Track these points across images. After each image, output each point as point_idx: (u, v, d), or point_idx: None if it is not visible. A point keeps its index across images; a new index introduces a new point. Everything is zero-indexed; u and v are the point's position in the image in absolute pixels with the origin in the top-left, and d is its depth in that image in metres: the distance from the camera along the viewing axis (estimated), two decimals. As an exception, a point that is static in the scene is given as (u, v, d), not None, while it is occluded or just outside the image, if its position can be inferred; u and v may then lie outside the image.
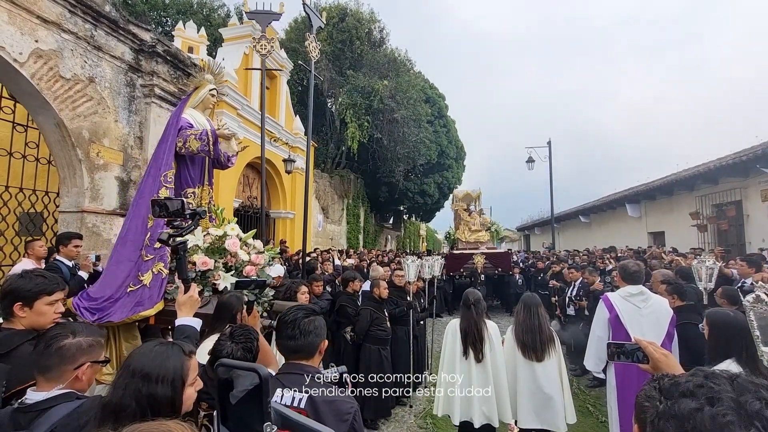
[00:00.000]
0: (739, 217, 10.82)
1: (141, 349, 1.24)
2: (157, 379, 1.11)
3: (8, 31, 3.94)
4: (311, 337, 1.50)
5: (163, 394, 1.10)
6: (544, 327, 3.11)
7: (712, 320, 2.23)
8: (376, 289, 4.59)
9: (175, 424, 0.77)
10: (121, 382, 1.12)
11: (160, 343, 1.26)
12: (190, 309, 1.90)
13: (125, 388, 1.10)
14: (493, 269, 10.58)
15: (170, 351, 1.20)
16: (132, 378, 1.11)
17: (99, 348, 1.41)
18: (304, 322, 1.51)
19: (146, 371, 1.12)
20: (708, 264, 3.98)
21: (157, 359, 1.16)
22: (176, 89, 5.76)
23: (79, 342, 1.34)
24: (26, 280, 1.70)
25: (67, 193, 4.76)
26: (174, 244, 1.94)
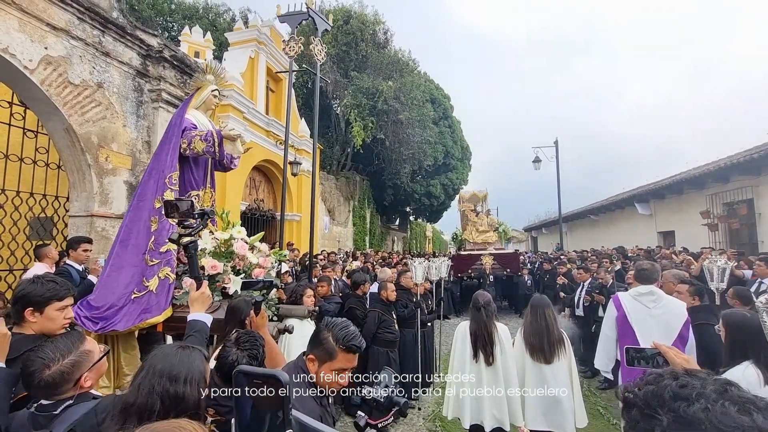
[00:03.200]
0: (750, 215, 10.64)
1: (163, 350, 1.25)
2: (185, 380, 1.13)
3: (19, 38, 4.00)
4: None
5: (190, 395, 1.12)
6: (552, 328, 3.07)
7: (728, 321, 2.18)
8: (384, 292, 4.58)
9: (187, 423, 0.77)
10: (146, 383, 1.12)
11: (180, 347, 1.27)
12: (202, 305, 1.94)
13: (151, 389, 1.10)
14: (502, 270, 10.49)
15: (194, 354, 1.22)
16: (160, 378, 1.12)
17: (87, 357, 1.37)
18: None
19: (174, 372, 1.13)
20: (720, 264, 3.91)
21: (183, 361, 1.18)
22: (183, 94, 5.80)
23: (58, 370, 1.30)
24: (37, 286, 1.71)
25: (76, 198, 4.81)
26: (184, 243, 1.96)
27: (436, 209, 24.14)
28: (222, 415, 1.53)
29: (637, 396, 0.65)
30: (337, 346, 1.46)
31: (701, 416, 0.56)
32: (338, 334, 1.47)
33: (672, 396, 0.60)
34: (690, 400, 0.58)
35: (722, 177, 11.24)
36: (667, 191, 13.90)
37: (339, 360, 1.45)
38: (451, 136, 21.92)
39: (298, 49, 6.25)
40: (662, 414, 0.59)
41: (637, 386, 0.66)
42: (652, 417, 0.60)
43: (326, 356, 1.46)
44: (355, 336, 1.49)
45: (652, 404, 0.62)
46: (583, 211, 21.33)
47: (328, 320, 1.55)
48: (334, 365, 1.45)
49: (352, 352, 1.47)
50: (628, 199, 16.44)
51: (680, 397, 0.60)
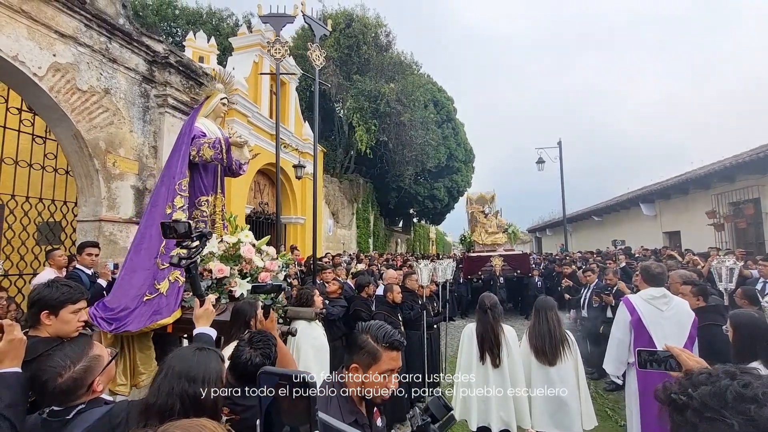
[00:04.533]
0: (757, 215, 10.56)
1: (181, 352, 1.29)
2: (203, 381, 1.16)
3: (28, 46, 4.06)
4: None
5: (207, 396, 1.14)
6: (555, 330, 3.07)
7: (736, 322, 2.18)
8: (389, 294, 4.58)
9: (208, 422, 0.79)
10: (165, 384, 1.16)
11: (198, 348, 1.30)
12: (206, 320, 2.02)
13: (170, 390, 1.13)
14: (512, 271, 10.40)
15: (211, 355, 1.25)
16: (179, 379, 1.15)
17: (97, 362, 1.39)
18: None
19: (192, 374, 1.16)
20: (728, 264, 3.90)
21: (201, 362, 1.21)
22: (189, 99, 5.86)
23: (71, 377, 1.32)
24: (52, 290, 1.75)
25: (84, 203, 4.86)
26: (184, 265, 2.03)
27: (439, 211, 24.14)
28: (236, 414, 1.55)
29: (692, 397, 0.62)
30: (379, 346, 1.41)
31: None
32: (377, 333, 1.44)
33: (736, 397, 0.58)
34: (759, 401, 0.56)
35: (728, 176, 11.17)
36: (672, 191, 13.82)
37: (384, 360, 1.40)
38: (455, 138, 21.93)
39: (284, 52, 6.21)
40: (730, 417, 0.56)
41: (688, 387, 0.64)
42: (716, 419, 0.57)
43: (370, 359, 1.41)
44: (394, 332, 1.45)
45: (714, 406, 0.59)
46: (588, 212, 21.24)
47: (362, 325, 1.52)
48: (380, 367, 1.40)
49: (396, 349, 1.43)
50: (633, 199, 16.36)
51: (746, 398, 0.57)
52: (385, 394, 1.42)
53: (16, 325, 1.43)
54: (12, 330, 1.39)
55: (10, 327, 1.40)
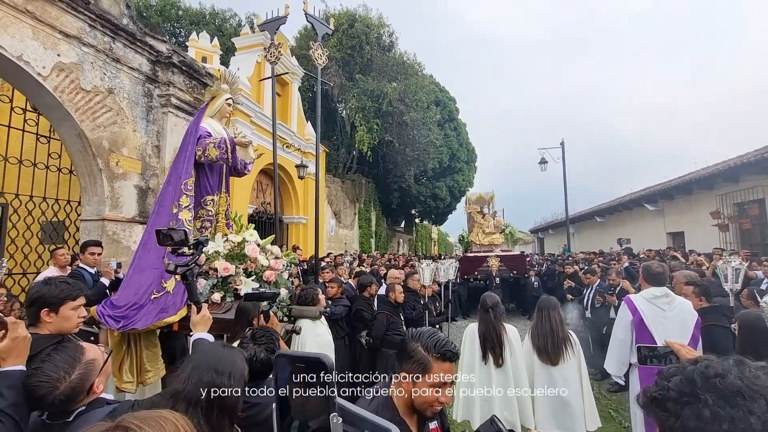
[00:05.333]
0: (762, 215, 10.51)
1: (211, 347, 1.33)
2: (230, 375, 1.19)
3: (32, 46, 4.08)
4: None
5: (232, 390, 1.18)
6: (557, 330, 3.05)
7: (741, 322, 2.17)
8: (392, 294, 4.58)
9: (169, 413, 0.78)
10: (195, 374, 1.18)
11: (224, 345, 1.34)
12: (203, 327, 2.01)
13: (199, 379, 1.16)
14: (509, 272, 10.45)
15: (236, 353, 1.29)
16: (207, 371, 1.18)
17: (92, 366, 1.37)
18: None
19: (220, 368, 1.20)
20: (734, 264, 3.87)
21: (228, 358, 1.25)
22: (192, 99, 5.87)
23: (69, 386, 1.30)
24: (51, 287, 1.76)
25: (88, 202, 4.87)
26: (180, 273, 2.04)
27: (441, 211, 24.12)
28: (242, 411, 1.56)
29: (669, 389, 0.66)
30: (430, 356, 1.30)
31: (739, 383, 0.59)
32: (428, 342, 1.33)
33: (702, 376, 0.63)
34: (720, 374, 0.62)
35: (732, 177, 11.12)
36: (676, 192, 13.77)
37: (435, 372, 1.29)
38: (457, 138, 21.91)
39: (278, 55, 6.29)
40: (703, 393, 0.61)
41: (662, 383, 0.68)
42: (693, 402, 0.62)
43: (420, 369, 1.29)
44: (448, 341, 1.34)
45: (688, 390, 0.63)
46: (591, 213, 21.17)
47: (412, 331, 1.42)
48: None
49: (449, 360, 1.31)
50: (637, 199, 16.30)
51: (710, 375, 0.62)
52: (436, 408, 1.31)
53: (21, 323, 1.42)
54: (16, 327, 1.39)
55: (14, 324, 1.39)
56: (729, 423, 0.58)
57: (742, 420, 0.57)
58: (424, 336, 1.35)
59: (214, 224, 3.35)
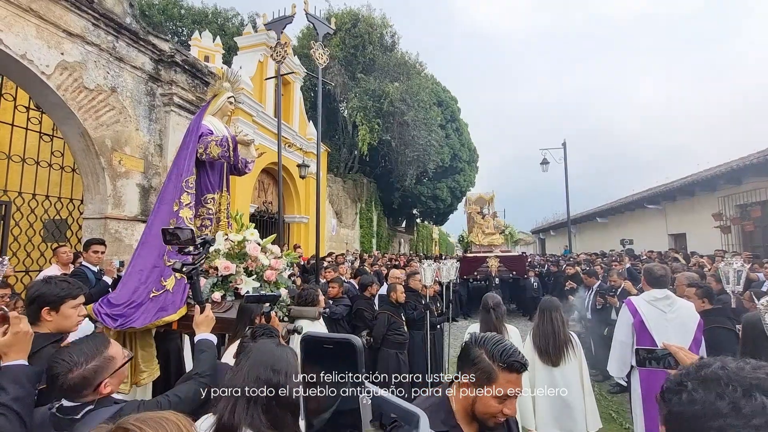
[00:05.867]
0: (764, 217, 10.48)
1: (265, 345, 1.34)
2: (286, 373, 1.21)
3: (36, 44, 4.09)
4: None
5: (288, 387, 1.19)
6: (559, 331, 3.05)
7: (744, 323, 2.18)
8: (393, 294, 4.58)
9: (171, 413, 0.79)
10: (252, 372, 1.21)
11: (277, 343, 1.36)
12: (207, 327, 2.01)
13: (257, 378, 1.18)
14: (508, 272, 10.45)
15: (289, 351, 1.31)
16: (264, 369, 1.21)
17: (109, 362, 1.39)
18: None
19: (276, 366, 1.22)
20: (735, 266, 3.87)
21: (283, 355, 1.26)
22: (194, 98, 5.89)
23: (81, 374, 1.32)
24: (51, 286, 1.76)
25: (90, 200, 4.89)
26: (186, 272, 2.03)
27: (443, 212, 24.11)
28: None
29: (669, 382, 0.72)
30: (495, 365, 1.20)
31: (719, 372, 0.65)
32: (494, 350, 1.23)
33: (696, 367, 0.69)
34: (709, 365, 0.68)
35: (735, 178, 11.08)
36: (678, 193, 13.74)
37: (500, 382, 1.19)
38: (459, 138, 21.89)
39: (284, 54, 6.30)
40: (687, 381, 0.67)
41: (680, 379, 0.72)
42: (680, 390, 0.68)
43: (483, 378, 1.20)
44: (515, 351, 1.24)
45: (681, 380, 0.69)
46: (592, 213, 21.13)
47: (476, 335, 1.32)
48: (494, 389, 1.19)
49: (516, 371, 1.21)
50: (638, 200, 16.27)
51: (702, 366, 0.69)
52: (500, 419, 1.22)
53: (23, 318, 1.43)
54: (18, 322, 1.39)
55: (16, 319, 1.40)
56: (701, 405, 0.63)
57: (712, 402, 0.62)
58: (490, 343, 1.26)
59: (214, 223, 3.34)
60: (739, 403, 0.61)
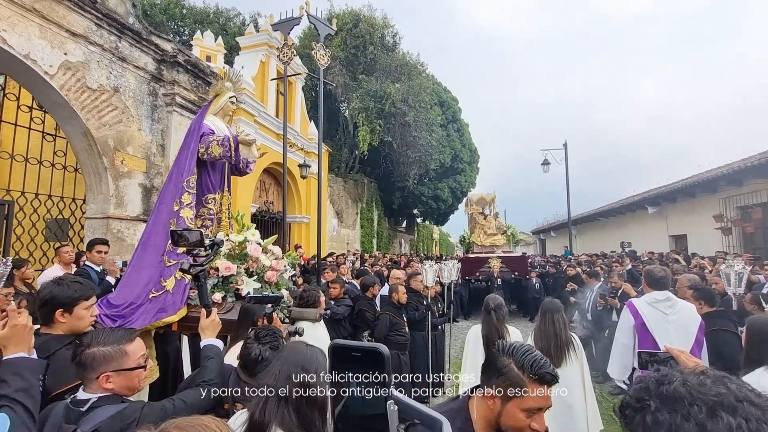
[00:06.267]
0: (765, 219, 10.47)
1: (295, 347, 1.39)
2: (316, 371, 1.26)
3: (39, 44, 4.10)
4: None
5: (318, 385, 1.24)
6: (561, 333, 3.05)
7: (749, 326, 2.17)
8: (395, 294, 4.59)
9: (211, 420, 0.79)
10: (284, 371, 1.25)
11: (306, 344, 1.40)
12: (213, 331, 1.96)
13: (288, 377, 1.23)
14: (510, 273, 10.44)
15: (317, 351, 1.35)
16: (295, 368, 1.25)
17: (121, 356, 1.39)
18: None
19: (306, 366, 1.27)
20: (737, 268, 3.87)
21: (312, 356, 1.31)
22: (196, 98, 5.90)
23: (93, 353, 1.35)
24: (64, 287, 1.75)
25: (93, 200, 4.90)
26: (193, 273, 2.01)
27: (443, 212, 24.11)
28: None
29: (629, 396, 0.69)
30: (525, 376, 1.13)
31: (681, 390, 0.62)
32: (524, 360, 1.15)
33: (655, 382, 0.66)
34: (671, 381, 0.64)
35: (736, 180, 11.07)
36: (678, 194, 13.72)
37: (529, 395, 1.11)
38: (460, 139, 21.89)
39: (291, 55, 6.33)
40: (649, 399, 0.64)
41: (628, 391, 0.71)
42: (643, 408, 0.64)
43: (512, 390, 1.13)
44: (546, 362, 1.17)
45: (641, 396, 0.66)
46: (593, 214, 21.12)
47: (503, 344, 1.25)
48: (523, 403, 1.12)
49: (547, 384, 1.14)
50: (639, 201, 16.26)
51: (662, 382, 0.65)
52: None
53: (23, 311, 1.44)
54: (15, 315, 1.40)
55: (14, 312, 1.41)
56: (666, 428, 0.60)
57: (679, 426, 0.59)
58: (519, 352, 1.18)
59: (215, 223, 3.33)
60: (705, 424, 0.58)
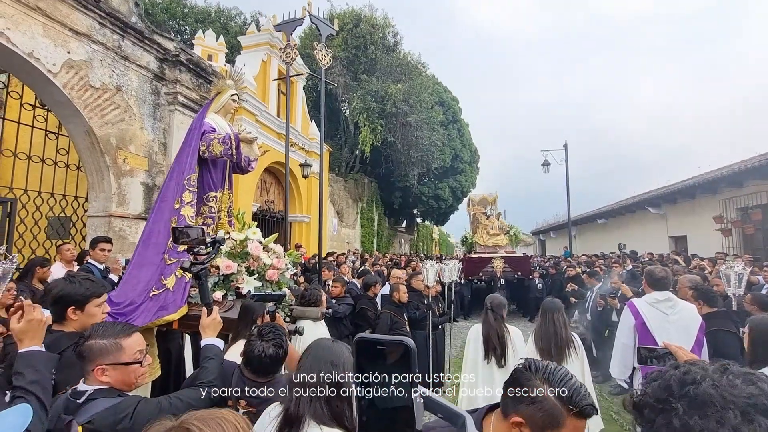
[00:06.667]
0: (765, 220, 10.48)
1: (323, 343, 1.45)
2: (344, 366, 1.32)
3: (43, 43, 4.12)
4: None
5: (345, 381, 1.29)
6: (561, 332, 3.07)
7: (752, 326, 2.18)
8: (396, 294, 4.60)
9: (230, 413, 0.80)
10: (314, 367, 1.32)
11: (332, 340, 1.49)
12: (213, 330, 1.95)
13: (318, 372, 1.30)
14: (513, 273, 10.44)
15: (343, 346, 1.42)
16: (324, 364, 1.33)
17: (116, 350, 1.41)
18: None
19: (335, 361, 1.34)
20: (737, 269, 3.88)
21: (340, 351, 1.38)
22: (198, 96, 5.91)
23: (90, 345, 1.39)
24: (76, 285, 1.77)
25: (95, 198, 4.92)
26: (195, 271, 2.00)
27: (443, 212, 24.13)
28: (253, 407, 1.58)
29: (646, 395, 0.65)
30: (565, 408, 0.94)
31: (712, 392, 0.58)
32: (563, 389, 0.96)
33: (679, 383, 0.61)
34: (697, 381, 0.60)
35: (736, 181, 11.09)
36: (679, 195, 13.74)
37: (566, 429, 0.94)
38: (460, 139, 21.92)
39: (294, 55, 6.35)
40: (675, 402, 0.60)
41: (643, 388, 0.67)
42: (666, 409, 0.60)
43: (546, 421, 0.94)
44: (586, 391, 0.97)
45: (663, 397, 0.62)
46: (593, 215, 21.13)
47: (535, 364, 1.04)
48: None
49: (587, 417, 0.97)
50: (639, 202, 16.27)
51: (687, 382, 0.61)
52: None
53: (37, 306, 1.46)
54: (32, 310, 1.43)
55: (30, 307, 1.43)
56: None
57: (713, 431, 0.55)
58: (556, 377, 0.99)
59: (216, 221, 3.33)
60: (740, 430, 0.54)
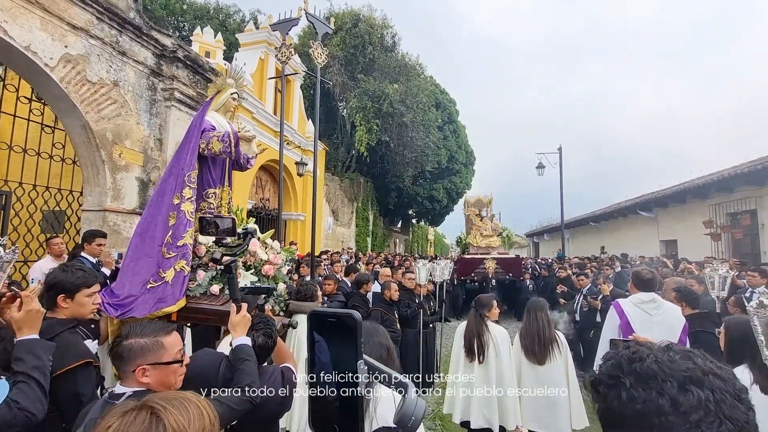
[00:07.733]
0: (754, 226, 10.67)
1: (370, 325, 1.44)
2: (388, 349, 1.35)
3: (40, 37, 4.13)
4: None
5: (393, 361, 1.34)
6: (544, 330, 3.15)
7: (728, 326, 2.25)
8: (387, 291, 4.66)
9: (192, 394, 0.84)
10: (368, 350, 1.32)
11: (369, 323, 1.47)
12: (243, 328, 1.82)
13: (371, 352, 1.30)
14: (504, 274, 10.57)
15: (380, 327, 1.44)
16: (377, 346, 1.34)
17: (158, 349, 1.35)
18: None
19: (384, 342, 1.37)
20: (721, 272, 3.98)
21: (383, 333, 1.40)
22: (195, 93, 5.93)
23: (130, 344, 1.33)
24: (68, 274, 1.84)
25: (90, 193, 4.93)
26: (226, 263, 1.94)
27: (438, 213, 24.23)
28: None
29: (601, 373, 0.72)
30: None
31: (654, 367, 0.65)
32: None
33: (628, 360, 0.69)
34: (642, 359, 0.67)
35: (726, 187, 11.27)
36: (670, 200, 13.93)
37: None
38: (456, 140, 22.03)
39: (289, 55, 6.39)
40: (624, 377, 0.67)
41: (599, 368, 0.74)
42: (617, 384, 0.67)
43: None
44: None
45: (614, 374, 0.69)
46: (586, 218, 21.33)
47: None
48: None
49: None
50: (631, 206, 16.47)
51: (634, 359, 0.68)
52: None
53: (34, 297, 1.53)
54: (30, 301, 1.50)
55: (28, 298, 1.50)
56: (642, 404, 0.63)
57: (653, 401, 0.62)
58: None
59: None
60: (677, 399, 0.61)
